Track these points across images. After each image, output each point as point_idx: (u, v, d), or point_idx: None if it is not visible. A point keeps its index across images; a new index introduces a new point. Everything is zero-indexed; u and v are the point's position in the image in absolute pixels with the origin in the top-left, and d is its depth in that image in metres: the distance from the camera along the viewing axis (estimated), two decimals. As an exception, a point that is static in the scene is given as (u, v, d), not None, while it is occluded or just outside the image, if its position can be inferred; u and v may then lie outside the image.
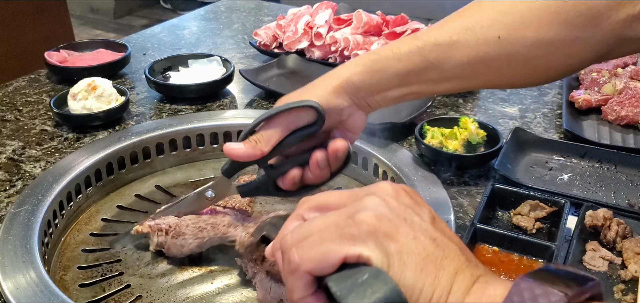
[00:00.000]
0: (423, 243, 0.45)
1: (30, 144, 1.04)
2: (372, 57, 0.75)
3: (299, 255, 0.46)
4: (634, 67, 1.26)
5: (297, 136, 0.74)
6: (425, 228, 0.47)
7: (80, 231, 0.91)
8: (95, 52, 1.41)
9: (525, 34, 0.70)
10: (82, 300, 0.77)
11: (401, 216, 0.47)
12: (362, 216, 0.46)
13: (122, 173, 1.02)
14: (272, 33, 1.46)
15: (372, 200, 0.48)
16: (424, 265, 0.44)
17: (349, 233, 0.45)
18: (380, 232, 0.45)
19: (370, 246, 0.45)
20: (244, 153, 0.73)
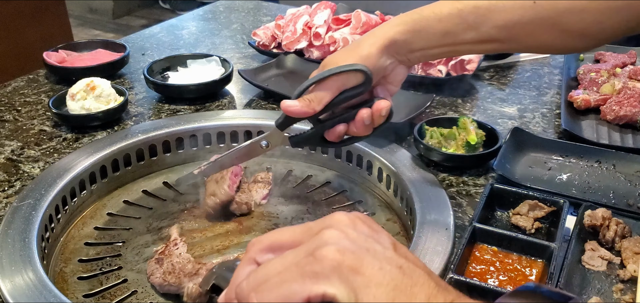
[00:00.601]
0: (390, 273, 0.42)
1: (29, 144, 1.04)
2: (414, 16, 0.80)
3: (259, 300, 0.43)
4: (632, 67, 1.26)
5: (345, 96, 0.80)
6: (389, 256, 0.44)
7: (85, 224, 0.93)
8: (94, 52, 1.41)
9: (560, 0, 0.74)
10: (79, 293, 0.78)
11: (363, 247, 0.44)
12: (323, 252, 0.42)
13: (128, 170, 1.02)
14: (271, 33, 1.46)
15: (331, 233, 0.44)
16: (394, 296, 0.41)
17: (311, 271, 0.42)
18: (344, 267, 0.42)
19: (334, 283, 0.41)
20: (298, 110, 0.79)
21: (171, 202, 0.98)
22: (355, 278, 0.42)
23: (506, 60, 1.41)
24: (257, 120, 1.09)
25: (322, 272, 0.42)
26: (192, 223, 0.92)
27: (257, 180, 0.99)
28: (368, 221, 0.48)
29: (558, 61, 1.43)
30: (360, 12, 1.40)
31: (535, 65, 1.41)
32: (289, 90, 1.21)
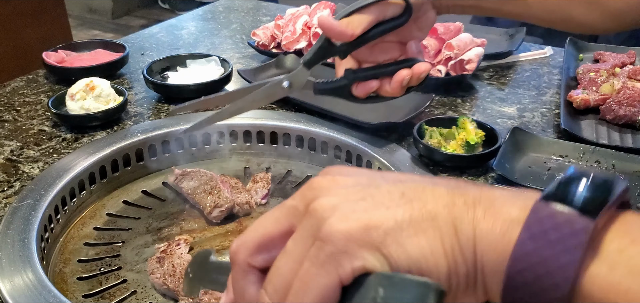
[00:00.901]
0: (400, 207, 0.37)
1: (28, 144, 1.04)
2: None
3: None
4: (631, 67, 1.26)
5: (382, 28, 0.78)
6: (386, 188, 0.38)
7: (84, 225, 0.93)
8: (93, 52, 1.41)
9: None
10: (79, 293, 0.78)
11: (359, 196, 0.38)
12: (329, 231, 0.37)
13: (128, 170, 1.02)
14: (271, 33, 1.46)
15: (322, 203, 0.38)
16: (416, 227, 0.36)
17: (328, 256, 0.36)
18: (355, 232, 0.36)
19: (357, 254, 0.36)
20: (337, 27, 0.75)
21: (171, 202, 0.98)
22: (371, 235, 0.36)
23: (505, 60, 1.41)
24: (257, 120, 1.09)
25: (337, 251, 0.36)
26: (191, 223, 0.92)
27: (256, 180, 0.99)
28: (343, 169, 0.42)
29: (557, 61, 1.43)
30: (359, 12, 1.40)
31: (535, 65, 1.41)
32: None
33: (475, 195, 0.37)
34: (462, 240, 0.35)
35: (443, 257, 0.35)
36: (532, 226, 0.33)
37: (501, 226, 0.34)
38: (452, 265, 0.35)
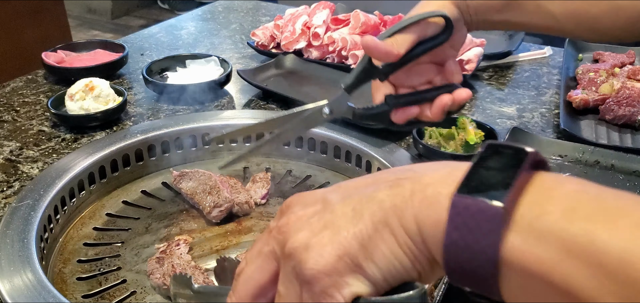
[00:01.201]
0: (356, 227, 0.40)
1: (28, 145, 1.04)
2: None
3: None
4: (631, 67, 1.26)
5: (423, 48, 0.77)
6: (341, 211, 0.41)
7: (84, 225, 0.92)
8: (92, 52, 1.41)
9: None
10: (78, 294, 0.78)
11: (322, 228, 0.41)
12: (309, 272, 0.40)
13: (127, 170, 1.02)
14: (270, 33, 1.46)
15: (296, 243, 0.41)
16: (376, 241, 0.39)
17: (320, 293, 0.40)
18: (331, 265, 0.39)
19: (342, 283, 0.39)
20: (383, 48, 0.74)
21: (170, 202, 0.98)
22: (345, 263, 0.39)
23: (505, 60, 1.41)
24: (256, 120, 1.08)
25: (326, 286, 0.40)
26: (190, 224, 0.92)
27: (256, 180, 0.99)
28: (300, 200, 0.45)
29: (557, 61, 1.43)
30: (359, 13, 1.40)
31: (534, 65, 1.41)
32: (288, 91, 1.22)
33: (409, 189, 0.40)
34: (412, 236, 0.39)
35: (404, 256, 0.39)
36: (454, 219, 0.36)
37: (434, 216, 0.38)
38: (413, 259, 0.39)
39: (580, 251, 0.32)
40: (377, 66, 0.77)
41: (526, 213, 0.35)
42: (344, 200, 0.42)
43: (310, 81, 1.29)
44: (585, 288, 0.32)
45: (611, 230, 0.32)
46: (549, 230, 0.34)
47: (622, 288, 0.31)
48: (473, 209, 0.36)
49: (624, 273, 0.30)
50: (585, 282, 0.32)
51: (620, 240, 0.31)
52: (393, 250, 0.39)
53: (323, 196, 0.44)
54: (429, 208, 0.38)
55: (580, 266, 0.32)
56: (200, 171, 0.98)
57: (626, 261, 0.30)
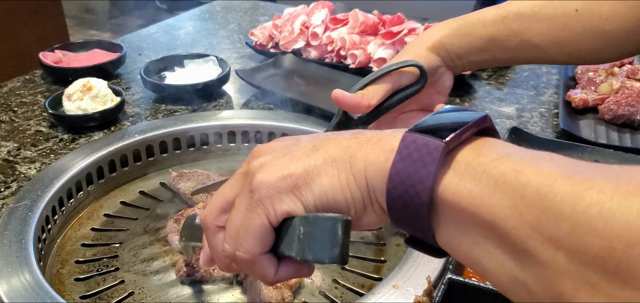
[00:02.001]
0: (308, 157, 0.46)
1: (25, 145, 1.03)
2: (459, 22, 0.81)
3: (243, 249, 0.48)
4: (630, 67, 1.26)
5: (399, 97, 0.78)
6: (302, 144, 0.48)
7: (82, 225, 0.92)
8: (90, 52, 1.41)
9: (602, 8, 0.77)
10: (76, 294, 0.78)
11: (280, 154, 0.48)
12: (256, 183, 0.47)
13: (125, 170, 1.02)
14: (268, 33, 1.46)
15: (256, 162, 0.48)
16: (320, 170, 0.45)
17: (258, 202, 0.46)
18: (275, 181, 0.46)
19: (280, 199, 0.46)
20: (352, 100, 0.75)
21: (168, 203, 0.97)
22: (287, 183, 0.46)
23: (504, 59, 1.41)
24: (255, 120, 1.09)
25: (264, 198, 0.46)
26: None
27: None
28: (285, 138, 0.51)
29: (556, 61, 1.43)
30: (357, 12, 1.40)
31: (533, 64, 1.41)
32: (286, 90, 1.21)
33: (369, 135, 0.45)
34: (355, 173, 0.44)
35: (340, 190, 0.44)
36: (401, 151, 0.41)
37: (384, 155, 0.43)
38: (348, 195, 0.44)
39: (506, 186, 0.36)
40: (352, 117, 0.77)
41: (465, 156, 0.39)
42: (312, 139, 0.48)
43: (309, 80, 1.29)
44: (508, 218, 0.35)
45: (535, 169, 0.35)
46: (482, 168, 0.37)
47: (538, 217, 0.33)
48: (419, 142, 0.40)
49: (540, 203, 0.33)
50: (508, 212, 0.35)
51: (541, 175, 0.34)
52: (331, 185, 0.45)
53: (298, 137, 0.50)
54: (379, 148, 0.43)
55: (505, 198, 0.35)
56: (198, 172, 0.97)
57: (543, 193, 0.33)
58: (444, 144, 0.39)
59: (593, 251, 0.31)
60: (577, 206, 0.32)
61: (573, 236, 0.32)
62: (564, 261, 0.32)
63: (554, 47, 0.80)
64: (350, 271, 0.81)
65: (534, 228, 0.33)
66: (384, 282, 0.70)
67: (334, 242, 0.44)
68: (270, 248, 0.48)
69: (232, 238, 0.49)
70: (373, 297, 0.68)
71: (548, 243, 0.33)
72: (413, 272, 0.71)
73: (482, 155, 0.39)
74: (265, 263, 0.48)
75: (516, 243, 0.35)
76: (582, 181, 0.33)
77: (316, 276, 0.80)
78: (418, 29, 1.32)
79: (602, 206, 0.31)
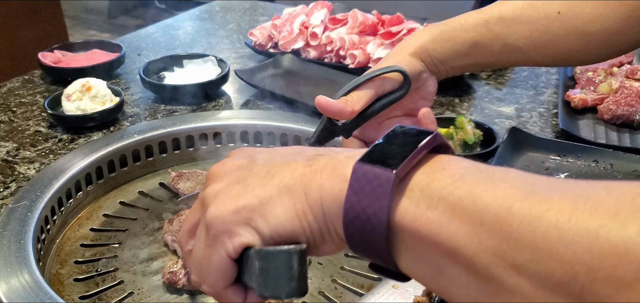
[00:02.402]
0: (262, 186, 0.45)
1: (24, 145, 1.03)
2: (441, 27, 0.81)
3: (209, 285, 0.48)
4: (629, 67, 1.26)
5: (383, 103, 0.77)
6: (256, 171, 0.47)
7: (81, 226, 0.92)
8: (89, 52, 1.40)
9: (584, 10, 0.76)
10: (75, 295, 0.78)
11: (233, 183, 0.47)
12: (210, 218, 0.46)
13: (124, 171, 1.02)
14: (268, 33, 1.46)
15: (207, 194, 0.48)
16: (274, 202, 0.44)
17: (215, 238, 0.46)
18: (228, 215, 0.45)
19: (235, 232, 0.45)
20: (335, 106, 0.74)
21: (167, 203, 0.97)
22: (241, 216, 0.45)
23: (503, 59, 1.41)
24: (254, 120, 1.09)
25: (220, 233, 0.45)
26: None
27: None
28: (236, 152, 0.51)
29: (555, 61, 1.43)
30: (357, 12, 1.40)
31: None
32: (286, 91, 1.21)
33: (323, 163, 0.44)
34: (311, 203, 0.43)
35: (297, 220, 0.43)
36: (353, 184, 0.40)
37: (338, 186, 0.41)
38: (305, 225, 0.43)
39: (464, 212, 0.35)
40: (337, 123, 0.77)
41: (419, 182, 0.38)
42: (266, 162, 0.47)
43: (308, 80, 1.29)
44: (468, 246, 0.34)
45: (492, 192, 0.34)
46: (438, 195, 0.37)
47: (499, 243, 0.33)
48: (370, 174, 0.39)
49: (499, 229, 0.33)
50: (468, 239, 0.34)
51: (498, 199, 0.34)
52: (287, 214, 0.43)
53: (253, 154, 0.50)
54: (333, 178, 0.42)
55: (464, 225, 0.35)
56: (198, 172, 0.97)
57: (501, 218, 0.33)
58: (394, 175, 0.38)
59: (556, 277, 0.30)
60: (537, 231, 0.31)
61: (536, 262, 0.31)
62: (529, 287, 0.32)
63: (536, 50, 0.80)
64: (350, 271, 0.81)
65: (496, 254, 0.33)
66: (384, 282, 0.70)
67: (289, 276, 0.43)
68: (237, 277, 0.47)
69: (196, 271, 0.49)
70: (372, 296, 0.68)
71: (511, 269, 0.32)
72: (412, 272, 0.71)
73: (436, 180, 0.38)
74: (231, 295, 0.48)
75: (480, 270, 0.34)
76: (540, 202, 0.32)
77: (315, 276, 0.80)
78: (417, 28, 1.32)
79: (561, 229, 0.30)
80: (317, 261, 0.82)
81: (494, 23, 0.79)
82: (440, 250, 0.36)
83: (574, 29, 0.77)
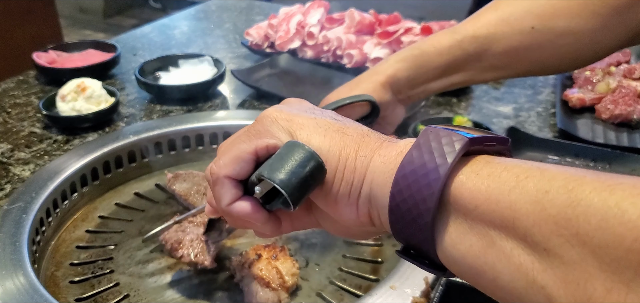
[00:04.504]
0: (323, 121, 0.47)
1: (19, 146, 1.02)
2: (415, 52, 0.82)
3: (217, 165, 0.49)
4: (627, 66, 1.26)
5: None
6: (327, 114, 0.49)
7: (76, 227, 0.91)
8: (84, 52, 1.40)
9: (557, 24, 0.76)
10: (71, 297, 0.77)
11: (302, 110, 0.49)
12: (263, 114, 0.49)
13: (120, 172, 1.01)
14: (264, 32, 1.45)
15: (274, 106, 0.51)
16: (326, 133, 0.46)
17: (255, 131, 0.48)
18: (281, 119, 0.48)
19: (275, 133, 0.47)
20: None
21: (163, 204, 0.97)
22: (290, 125, 0.47)
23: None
24: (251, 121, 1.07)
25: (263, 129, 0.48)
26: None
27: None
28: (316, 108, 0.52)
29: (552, 60, 1.42)
30: (354, 11, 1.40)
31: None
32: (282, 90, 1.21)
33: (387, 137, 0.46)
34: (359, 156, 0.44)
35: (336, 157, 0.44)
36: (419, 140, 0.39)
37: (397, 151, 0.42)
38: (340, 168, 0.44)
39: (528, 182, 0.34)
40: None
41: (483, 157, 0.38)
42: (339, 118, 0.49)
43: (305, 80, 1.28)
44: (529, 214, 0.33)
45: (560, 169, 0.34)
46: (502, 167, 0.36)
47: (564, 210, 0.31)
48: (441, 134, 0.39)
49: (567, 196, 0.32)
50: (529, 207, 0.33)
51: (567, 173, 0.33)
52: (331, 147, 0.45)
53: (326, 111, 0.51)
54: (393, 147, 0.43)
55: (526, 194, 0.34)
56: (194, 173, 0.97)
57: (570, 187, 0.32)
58: (467, 139, 0.37)
59: (626, 244, 0.28)
60: (608, 200, 0.30)
61: (603, 230, 0.29)
62: (593, 259, 0.30)
63: (510, 65, 0.81)
64: (348, 272, 0.80)
65: (558, 223, 0.31)
66: (382, 283, 0.70)
67: (295, 171, 0.43)
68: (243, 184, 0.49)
69: (219, 152, 0.51)
70: (370, 298, 0.67)
71: (574, 239, 0.30)
72: (410, 273, 0.70)
73: (501, 159, 0.38)
74: (225, 187, 0.49)
75: (538, 241, 0.32)
76: (611, 179, 0.31)
77: (313, 277, 0.79)
78: (414, 28, 1.32)
79: (634, 198, 0.29)
80: (315, 263, 0.81)
81: (468, 43, 0.79)
82: (496, 220, 0.35)
83: (547, 42, 0.77)
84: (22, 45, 2.21)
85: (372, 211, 0.44)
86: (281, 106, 0.50)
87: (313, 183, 0.44)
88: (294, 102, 0.52)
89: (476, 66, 0.80)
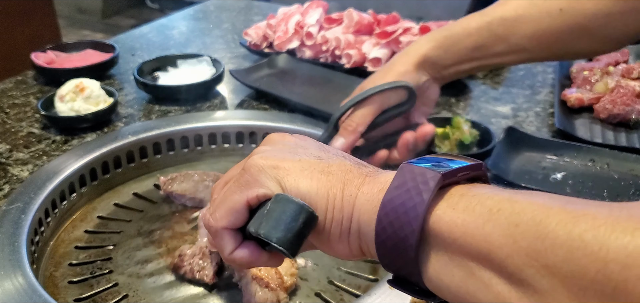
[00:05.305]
0: (308, 161, 0.49)
1: (18, 147, 1.02)
2: (444, 33, 0.82)
3: (214, 218, 0.51)
4: (625, 66, 1.26)
5: (387, 116, 0.79)
6: (310, 151, 0.51)
7: (75, 228, 0.91)
8: (83, 53, 1.39)
9: (586, 5, 0.77)
10: (70, 297, 0.77)
11: (285, 150, 0.51)
12: (249, 163, 0.50)
13: (118, 172, 1.01)
14: (263, 33, 1.45)
15: (258, 149, 0.52)
16: (312, 175, 0.47)
17: (245, 181, 0.50)
18: (267, 168, 0.49)
19: (263, 183, 0.48)
20: (345, 144, 0.78)
21: (162, 204, 0.97)
22: (277, 172, 0.48)
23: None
24: (249, 121, 1.08)
25: (251, 179, 0.49)
26: (183, 226, 0.91)
27: None
28: (298, 136, 0.55)
29: (550, 60, 1.42)
30: (352, 11, 1.40)
31: (529, 64, 1.40)
32: (281, 90, 1.21)
33: (369, 171, 0.47)
34: (345, 196, 0.45)
35: (324, 200, 0.46)
36: (397, 180, 0.41)
37: (378, 187, 0.44)
38: (330, 209, 0.46)
39: (500, 215, 0.36)
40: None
41: (458, 190, 0.40)
42: (321, 150, 0.51)
43: (304, 80, 1.28)
44: (502, 246, 0.35)
45: (529, 200, 0.35)
46: (476, 200, 0.38)
47: (533, 243, 0.33)
48: (416, 171, 0.41)
49: (535, 230, 0.33)
50: (502, 240, 0.35)
51: (535, 205, 0.35)
52: (318, 190, 0.46)
53: (309, 141, 0.54)
54: (374, 184, 0.45)
55: (498, 227, 0.35)
56: (190, 173, 0.96)
57: (538, 220, 0.33)
58: (440, 175, 0.39)
59: (590, 275, 0.31)
60: (572, 232, 0.32)
61: (569, 262, 0.31)
62: (562, 288, 0.32)
63: (540, 47, 0.81)
64: (347, 272, 0.80)
65: (529, 255, 0.33)
66: (381, 283, 0.70)
67: (289, 226, 0.45)
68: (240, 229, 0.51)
69: (213, 204, 0.53)
70: (369, 298, 0.67)
71: (544, 270, 0.33)
72: (410, 273, 0.70)
73: (475, 190, 0.39)
74: (226, 238, 0.51)
75: (512, 272, 0.34)
76: (577, 209, 0.33)
77: (312, 277, 0.79)
78: (413, 28, 1.32)
79: (596, 230, 0.31)
80: (314, 262, 0.81)
81: (497, 24, 0.80)
82: (473, 252, 0.37)
83: (576, 25, 0.78)
84: (21, 45, 2.21)
85: (363, 245, 0.46)
86: (265, 149, 0.52)
87: (307, 232, 0.46)
88: (277, 140, 0.54)
89: (504, 47, 0.80)
